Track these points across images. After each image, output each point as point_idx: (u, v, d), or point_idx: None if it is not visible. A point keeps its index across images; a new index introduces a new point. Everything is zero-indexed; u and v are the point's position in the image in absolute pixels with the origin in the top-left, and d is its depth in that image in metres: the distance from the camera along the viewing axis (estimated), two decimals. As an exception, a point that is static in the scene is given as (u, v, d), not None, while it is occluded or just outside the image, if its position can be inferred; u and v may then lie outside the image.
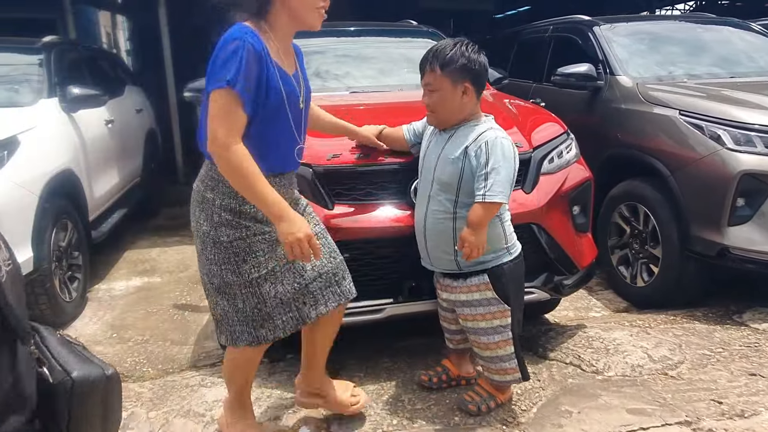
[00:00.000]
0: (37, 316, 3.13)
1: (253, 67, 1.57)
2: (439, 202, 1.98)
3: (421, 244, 2.08)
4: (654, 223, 3.16)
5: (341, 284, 1.89)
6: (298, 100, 1.72)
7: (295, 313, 1.81)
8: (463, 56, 1.90)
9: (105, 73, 5.21)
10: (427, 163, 2.04)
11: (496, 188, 1.85)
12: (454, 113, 1.96)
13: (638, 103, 3.46)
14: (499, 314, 2.00)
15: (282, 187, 1.76)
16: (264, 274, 1.76)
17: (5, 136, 3.02)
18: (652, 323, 2.87)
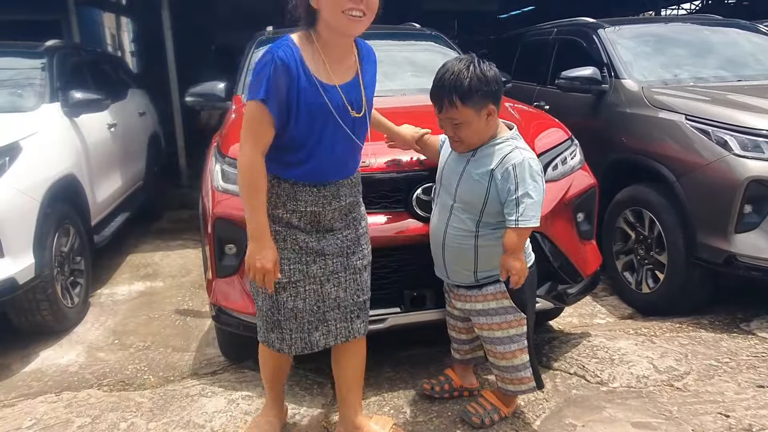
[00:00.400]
0: (39, 323, 3.13)
1: (281, 79, 1.61)
2: (460, 219, 1.94)
3: (437, 257, 2.05)
4: (659, 229, 3.13)
5: (354, 322, 1.89)
6: (342, 109, 1.69)
7: (305, 335, 1.83)
8: (480, 82, 1.82)
9: (107, 76, 5.21)
10: (447, 178, 1.99)
11: (528, 213, 1.82)
12: (482, 137, 1.91)
13: (644, 107, 3.43)
14: (515, 323, 1.98)
15: (323, 198, 1.76)
16: (285, 282, 1.78)
17: (7, 142, 3.01)
18: (658, 331, 2.84)
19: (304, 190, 1.74)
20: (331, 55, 1.68)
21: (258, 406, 2.27)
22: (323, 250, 1.80)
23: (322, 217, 1.79)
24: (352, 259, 1.85)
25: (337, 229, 1.83)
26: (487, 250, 1.94)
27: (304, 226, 1.77)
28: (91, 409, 2.30)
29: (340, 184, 1.79)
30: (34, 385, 2.73)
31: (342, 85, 1.70)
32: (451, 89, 1.81)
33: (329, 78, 1.67)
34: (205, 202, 2.56)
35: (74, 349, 3.10)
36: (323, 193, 1.76)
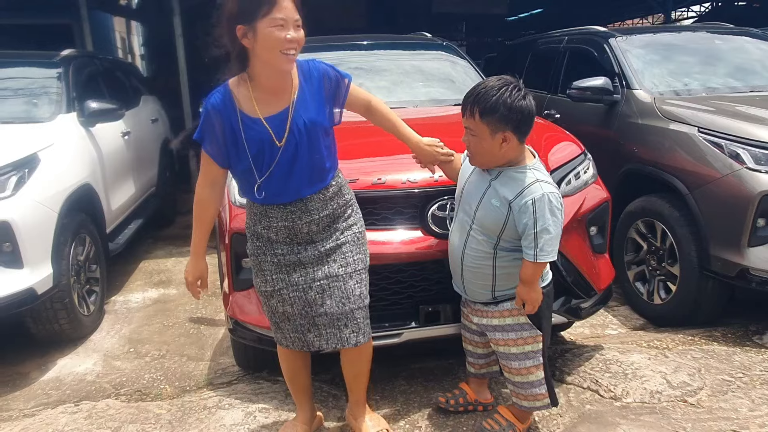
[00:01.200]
0: (57, 332, 3.18)
1: (214, 122, 1.82)
2: (478, 241, 1.96)
3: (456, 273, 2.08)
4: (672, 241, 3.13)
5: (342, 331, 1.96)
6: (268, 141, 1.81)
7: (300, 335, 2.00)
8: (504, 105, 1.82)
9: (121, 84, 5.26)
10: (467, 199, 2.00)
11: (547, 248, 1.84)
12: (493, 160, 1.91)
13: (656, 118, 3.43)
14: (531, 340, 2.00)
15: (291, 214, 1.89)
16: (270, 291, 1.96)
17: (26, 155, 3.06)
18: (670, 344, 2.85)
19: (272, 208, 1.90)
20: (262, 90, 1.81)
21: (275, 419, 2.30)
22: (301, 261, 1.93)
23: (297, 230, 1.90)
24: (333, 266, 1.93)
25: (318, 240, 1.93)
26: (504, 271, 1.97)
27: (282, 239, 1.92)
28: (110, 421, 2.34)
29: (307, 200, 1.88)
30: (52, 393, 2.78)
31: (269, 117, 1.81)
32: (476, 100, 1.85)
33: (255, 112, 1.81)
34: (222, 216, 2.59)
35: (91, 357, 3.15)
36: (290, 209, 1.88)
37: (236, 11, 1.70)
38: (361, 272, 1.98)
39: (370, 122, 3.14)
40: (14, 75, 4.06)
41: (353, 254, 1.96)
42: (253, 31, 1.69)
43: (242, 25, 1.69)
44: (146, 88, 6.17)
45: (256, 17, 1.67)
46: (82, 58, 4.55)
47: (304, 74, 1.86)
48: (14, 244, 2.80)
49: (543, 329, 2.01)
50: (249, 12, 1.68)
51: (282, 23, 1.69)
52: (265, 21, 1.67)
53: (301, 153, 1.83)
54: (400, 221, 2.26)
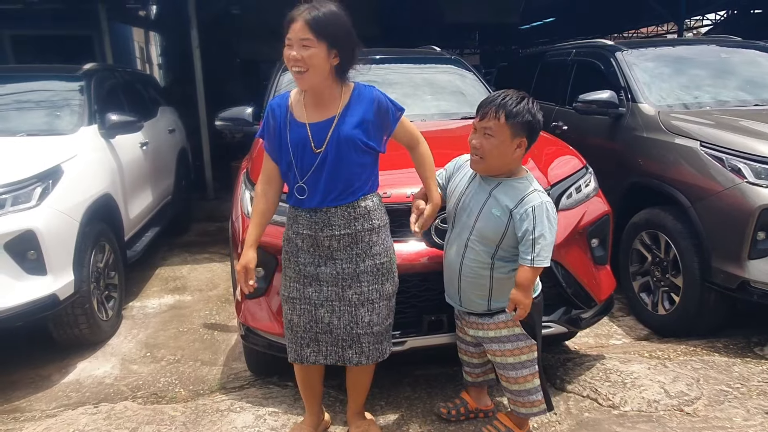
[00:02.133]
0: (77, 336, 3.31)
1: (270, 119, 2.03)
2: (477, 252, 2.04)
3: (452, 285, 2.14)
4: (675, 253, 3.19)
5: (346, 351, 2.06)
6: (307, 146, 1.95)
7: (298, 348, 2.09)
8: (529, 113, 1.95)
9: (140, 95, 5.43)
10: (465, 210, 2.07)
11: (543, 253, 1.93)
12: (503, 164, 1.99)
13: (660, 132, 3.49)
14: (526, 349, 2.08)
15: (315, 224, 1.99)
16: (286, 296, 2.07)
17: (50, 166, 3.21)
18: (672, 354, 2.89)
19: (300, 214, 2.02)
20: (309, 98, 1.98)
21: (284, 422, 2.39)
22: (318, 276, 2.02)
23: (319, 242, 2.00)
24: (348, 292, 2.01)
25: (338, 259, 2.00)
26: (501, 281, 2.05)
27: (306, 247, 2.03)
28: (128, 422, 2.45)
29: (331, 213, 1.97)
30: (72, 395, 2.90)
31: (314, 123, 1.95)
32: (502, 104, 1.95)
33: (303, 117, 1.97)
34: (235, 227, 2.71)
35: (109, 361, 3.28)
36: (314, 219, 1.99)
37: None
38: (375, 302, 2.03)
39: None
40: (39, 88, 4.23)
41: (369, 284, 2.02)
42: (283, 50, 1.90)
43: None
44: (164, 98, 6.35)
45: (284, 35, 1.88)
46: (104, 71, 4.72)
47: (357, 95, 1.98)
48: (38, 251, 2.93)
49: (537, 338, 2.08)
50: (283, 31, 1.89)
51: (289, 42, 1.85)
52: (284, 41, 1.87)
53: (333, 163, 1.93)
54: (405, 234, 2.35)
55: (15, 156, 3.27)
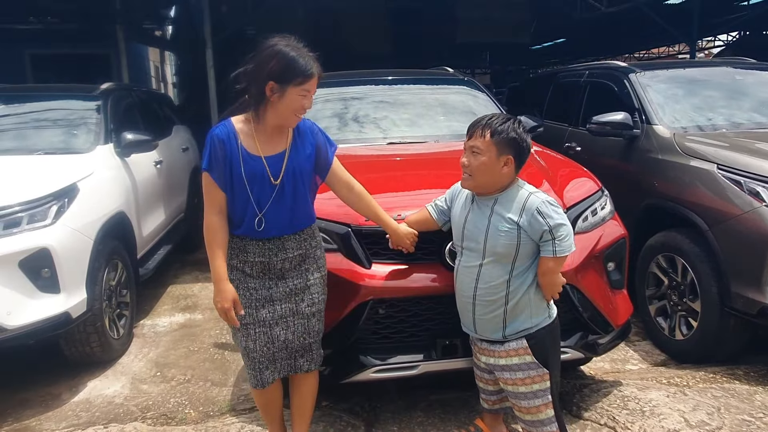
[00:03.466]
0: (88, 354, 3.31)
1: (218, 151, 1.98)
2: (491, 274, 2.03)
3: (466, 312, 2.12)
4: (693, 277, 3.13)
5: (297, 360, 2.14)
6: (265, 178, 1.99)
7: (257, 374, 2.11)
8: (514, 131, 2.00)
9: (155, 114, 5.50)
10: (471, 234, 2.08)
11: (565, 243, 1.98)
12: (491, 181, 2.03)
13: (676, 154, 3.46)
14: (538, 378, 2.04)
15: (268, 251, 2.04)
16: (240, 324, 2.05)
17: (66, 184, 3.23)
18: (691, 381, 2.83)
19: (251, 243, 2.04)
20: (263, 133, 2.01)
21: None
22: (272, 296, 2.06)
23: (271, 266, 2.05)
24: (301, 305, 2.08)
25: (289, 277, 2.07)
26: (516, 303, 2.02)
27: (256, 273, 2.05)
28: (137, 444, 2.43)
29: (285, 238, 2.04)
30: (82, 415, 2.89)
31: (269, 157, 2.00)
32: (488, 123, 2.02)
33: (257, 150, 1.99)
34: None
35: (119, 380, 3.26)
36: (268, 246, 2.03)
37: (277, 71, 1.92)
38: (321, 311, 2.16)
39: (389, 156, 3.26)
40: (57, 107, 4.29)
41: (319, 295, 2.13)
42: (283, 92, 1.93)
43: (275, 83, 1.92)
44: (178, 117, 6.42)
45: (290, 82, 1.92)
46: (120, 90, 4.78)
47: (299, 128, 2.08)
48: (52, 269, 2.94)
49: (550, 366, 2.04)
50: (287, 77, 1.92)
51: (306, 94, 1.96)
52: (295, 89, 1.93)
53: (290, 194, 2.02)
54: (418, 256, 2.33)
55: (32, 174, 3.31)
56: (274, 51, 1.93)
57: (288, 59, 1.91)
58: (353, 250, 2.33)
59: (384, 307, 2.32)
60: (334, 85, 3.93)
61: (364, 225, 2.34)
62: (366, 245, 2.35)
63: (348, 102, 3.85)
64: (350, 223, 2.35)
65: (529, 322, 2.04)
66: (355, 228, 2.35)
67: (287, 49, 1.93)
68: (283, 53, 1.92)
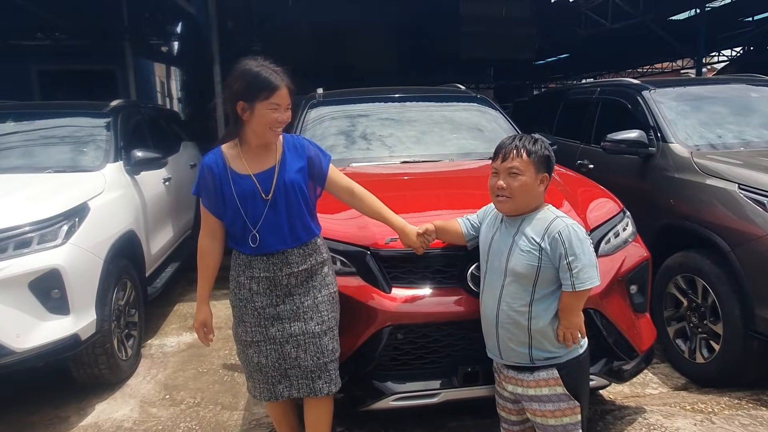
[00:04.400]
0: (96, 376, 3.24)
1: (206, 177, 2.06)
2: (513, 295, 1.99)
3: (490, 336, 2.08)
4: (714, 299, 3.06)
5: (315, 382, 2.12)
6: (256, 195, 2.03)
7: (270, 386, 2.13)
8: (546, 149, 2.04)
9: (163, 131, 5.48)
10: (495, 254, 2.06)
11: (583, 275, 1.92)
12: (530, 201, 2.02)
13: (693, 173, 3.41)
14: (569, 411, 1.97)
15: (273, 266, 2.07)
16: (249, 341, 2.10)
17: (77, 203, 3.19)
18: (716, 408, 2.75)
19: (255, 259, 2.07)
20: (250, 152, 2.06)
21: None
22: (279, 314, 2.08)
23: (277, 282, 2.08)
24: (310, 324, 2.09)
25: (297, 294, 2.09)
26: (541, 327, 1.97)
27: (263, 290, 2.08)
28: (148, 473, 2.35)
29: (288, 252, 2.07)
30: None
31: (258, 173, 2.04)
32: (522, 144, 2.03)
33: (245, 169, 2.04)
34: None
35: (128, 403, 3.19)
36: (272, 260, 2.06)
37: (241, 90, 1.96)
38: (334, 329, 2.14)
39: (410, 176, 3.21)
40: (67, 124, 4.26)
41: (329, 312, 2.13)
42: (252, 110, 1.97)
43: (243, 102, 1.97)
44: (185, 133, 6.40)
45: (256, 99, 1.95)
46: (130, 107, 4.76)
47: (288, 144, 2.12)
48: (62, 290, 2.89)
49: (581, 399, 1.97)
50: (252, 94, 1.95)
51: (276, 107, 1.98)
52: (263, 103, 1.96)
53: (284, 207, 2.05)
54: (440, 280, 2.28)
55: (42, 193, 3.26)
56: (239, 71, 1.98)
57: (250, 76, 1.95)
58: (372, 273, 2.28)
59: (404, 332, 2.26)
60: (345, 103, 3.91)
61: (383, 248, 2.29)
62: (386, 268, 2.29)
63: (361, 120, 3.82)
64: (369, 246, 2.30)
65: (558, 350, 1.98)
66: (374, 251, 2.30)
67: (249, 67, 1.97)
68: (246, 71, 1.96)
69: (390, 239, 2.28)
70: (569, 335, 1.96)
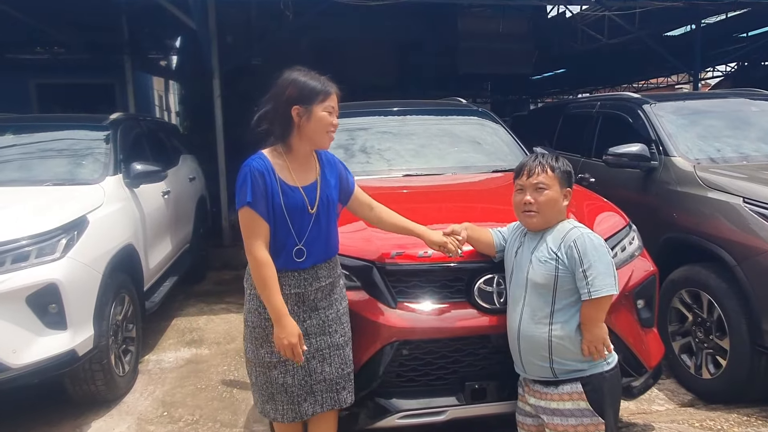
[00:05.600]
0: (93, 393, 3.18)
1: (259, 183, 1.96)
2: (533, 308, 2.01)
3: (514, 349, 2.08)
4: (720, 313, 3.04)
5: (340, 393, 2.09)
6: (304, 208, 2.01)
7: (295, 407, 2.06)
8: (567, 165, 2.11)
9: (162, 144, 5.45)
10: (518, 268, 2.09)
11: (598, 283, 1.92)
12: (556, 214, 2.07)
13: (696, 187, 3.40)
14: (592, 427, 1.94)
15: (304, 281, 2.04)
16: (276, 362, 2.04)
17: (76, 217, 3.15)
18: (725, 425, 2.71)
19: (286, 275, 2.02)
20: (296, 162, 2.03)
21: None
22: (306, 330, 2.04)
23: (305, 297, 2.05)
24: (335, 337, 2.09)
25: (322, 308, 2.07)
26: (560, 339, 1.96)
27: (291, 307, 2.01)
28: (147, 494, 2.29)
29: (318, 267, 2.06)
30: (87, 459, 2.75)
31: (304, 187, 2.03)
32: (546, 160, 2.10)
33: (294, 181, 2.01)
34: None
35: (125, 420, 3.12)
36: (303, 276, 2.04)
37: (296, 95, 1.97)
38: (351, 339, 2.15)
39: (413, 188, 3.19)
40: (66, 137, 4.23)
41: (348, 324, 2.14)
42: (309, 113, 1.97)
43: (300, 107, 1.96)
44: (184, 146, 6.38)
45: (313, 102, 1.97)
46: (129, 120, 4.73)
47: (322, 159, 2.12)
48: (60, 305, 2.84)
49: (606, 416, 1.94)
50: (309, 97, 1.97)
51: (331, 110, 2.01)
52: (320, 106, 1.98)
53: (325, 222, 2.05)
54: (446, 295, 2.25)
55: (41, 206, 3.22)
56: (289, 79, 1.99)
57: (304, 82, 1.98)
58: (377, 288, 2.24)
59: (409, 348, 2.22)
60: (345, 116, 3.87)
61: (388, 262, 2.26)
62: (391, 283, 2.26)
63: (362, 133, 3.80)
64: (374, 260, 2.27)
65: (581, 364, 1.96)
66: (379, 265, 2.27)
67: (298, 74, 2.00)
68: (298, 78, 1.98)
69: (396, 253, 2.25)
70: (593, 348, 1.95)
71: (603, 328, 1.96)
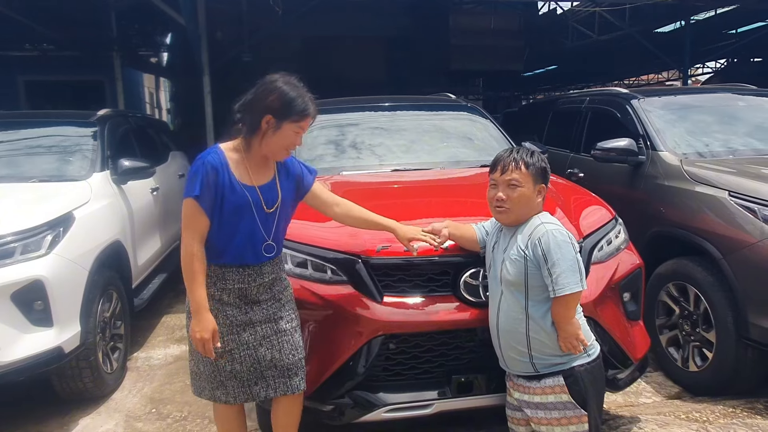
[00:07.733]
0: (80, 390, 3.16)
1: (210, 179, 1.96)
2: (509, 304, 2.01)
3: (495, 345, 2.10)
4: (706, 306, 3.06)
5: (292, 379, 2.13)
6: (259, 206, 2.03)
7: (246, 389, 2.11)
8: (543, 162, 2.08)
9: (151, 141, 5.42)
10: (494, 264, 2.10)
11: (561, 281, 1.91)
12: (529, 211, 2.05)
13: (683, 181, 3.42)
14: (575, 419, 1.95)
15: (248, 277, 2.06)
16: (221, 351, 2.05)
17: (61, 213, 3.13)
18: (711, 417, 2.73)
19: (230, 270, 2.05)
20: (252, 161, 2.04)
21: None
22: (251, 319, 2.08)
23: (248, 292, 2.08)
24: (281, 323, 2.12)
25: (263, 300, 2.11)
26: (538, 335, 1.96)
27: (233, 300, 2.06)
28: (133, 490, 2.28)
29: (262, 264, 2.08)
30: (74, 456, 2.73)
31: (260, 186, 2.04)
32: (520, 156, 2.07)
33: (250, 180, 2.02)
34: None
35: (112, 417, 3.11)
36: (247, 272, 2.06)
37: (275, 106, 1.97)
38: (299, 327, 2.18)
39: (402, 183, 3.19)
40: (53, 134, 4.20)
41: (293, 311, 2.18)
42: (278, 127, 1.98)
43: (273, 117, 1.97)
44: (174, 143, 6.35)
45: (286, 119, 1.98)
46: (117, 117, 4.70)
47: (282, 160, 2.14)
48: (45, 302, 2.82)
49: (588, 408, 1.94)
50: (285, 113, 1.97)
51: (299, 131, 2.02)
52: (290, 125, 1.99)
53: (282, 221, 2.10)
54: (432, 288, 2.25)
55: (26, 202, 3.20)
56: (276, 86, 1.98)
57: (289, 97, 1.97)
58: (363, 282, 2.24)
59: (396, 342, 2.22)
60: (335, 112, 3.88)
61: (374, 256, 2.25)
62: (377, 277, 2.25)
63: (351, 128, 3.79)
64: (360, 253, 2.27)
65: (561, 358, 1.96)
66: (364, 259, 2.26)
67: (288, 86, 1.98)
68: (284, 90, 1.97)
69: (381, 247, 2.25)
70: (569, 345, 1.95)
71: (574, 324, 1.95)
